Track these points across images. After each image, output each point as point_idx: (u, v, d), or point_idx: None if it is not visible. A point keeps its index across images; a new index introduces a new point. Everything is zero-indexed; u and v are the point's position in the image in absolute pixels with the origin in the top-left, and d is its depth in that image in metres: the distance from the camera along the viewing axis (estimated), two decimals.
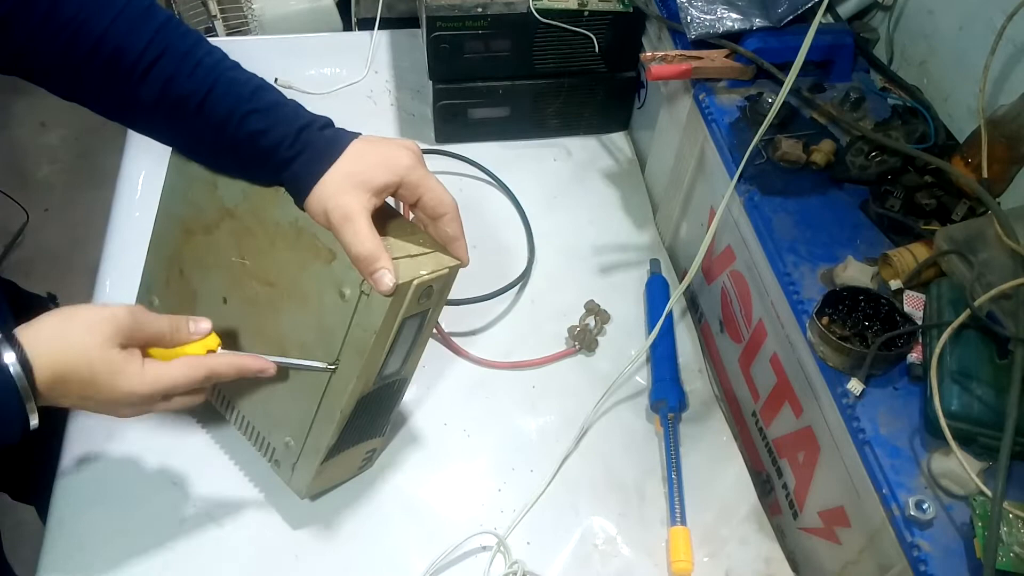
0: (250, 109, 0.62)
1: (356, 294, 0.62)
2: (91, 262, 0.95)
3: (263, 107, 0.63)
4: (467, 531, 0.75)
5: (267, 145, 0.62)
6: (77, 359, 0.56)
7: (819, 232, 0.74)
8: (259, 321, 0.70)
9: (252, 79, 0.65)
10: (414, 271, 0.61)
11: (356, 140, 0.64)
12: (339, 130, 0.65)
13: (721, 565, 0.75)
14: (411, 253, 0.64)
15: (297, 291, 0.66)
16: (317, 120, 0.64)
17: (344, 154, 0.63)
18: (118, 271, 0.92)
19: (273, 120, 0.62)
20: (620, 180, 1.08)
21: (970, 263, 0.64)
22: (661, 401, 0.83)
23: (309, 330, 0.66)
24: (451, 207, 0.66)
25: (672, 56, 0.85)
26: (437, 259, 0.65)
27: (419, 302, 0.62)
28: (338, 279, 0.63)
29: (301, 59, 1.19)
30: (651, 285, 0.94)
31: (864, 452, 0.61)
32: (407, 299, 0.61)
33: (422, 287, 0.61)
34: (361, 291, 0.61)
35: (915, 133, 0.78)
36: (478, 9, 0.95)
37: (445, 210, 0.66)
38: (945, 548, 0.56)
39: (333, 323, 0.64)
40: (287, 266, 0.66)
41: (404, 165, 0.63)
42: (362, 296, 0.61)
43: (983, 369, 0.61)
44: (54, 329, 0.57)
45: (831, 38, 0.85)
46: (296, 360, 0.66)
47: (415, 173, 0.64)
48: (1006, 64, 0.73)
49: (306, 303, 0.66)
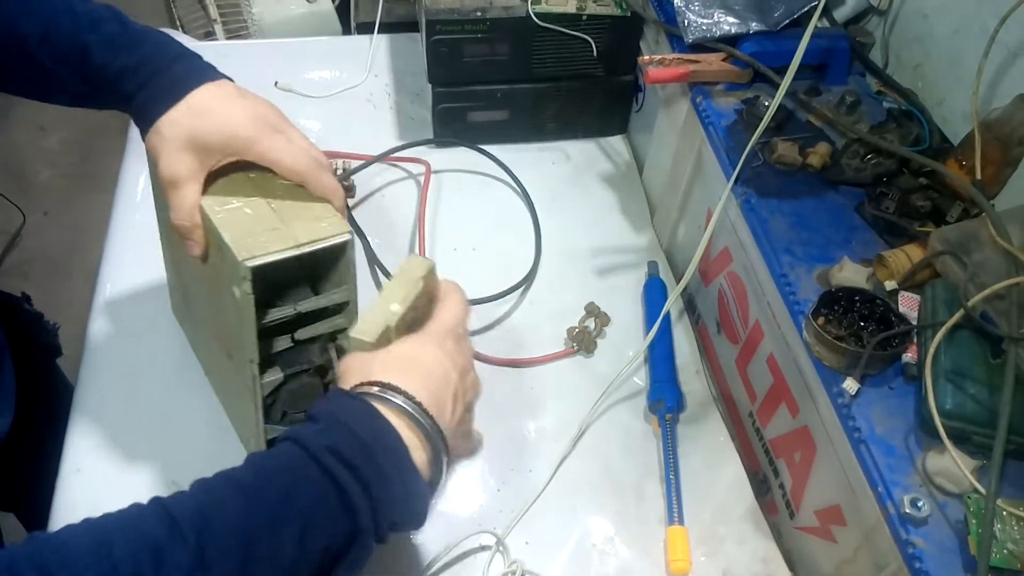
0: (91, 40, 0.59)
1: (242, 293, 0.59)
2: (90, 265, 0.95)
3: (105, 37, 0.60)
4: (466, 531, 0.75)
5: (109, 77, 0.60)
6: (440, 373, 0.54)
7: (815, 234, 0.75)
8: (212, 318, 0.70)
9: (98, 10, 0.61)
10: (385, 314, 0.57)
11: (210, 85, 0.61)
12: (194, 67, 0.62)
13: (718, 564, 0.75)
14: (274, 225, 0.60)
15: (220, 290, 0.64)
16: (169, 51, 0.61)
17: (191, 98, 0.60)
18: (118, 274, 0.92)
19: (114, 49, 0.60)
20: (618, 183, 1.09)
21: (964, 264, 0.65)
22: (659, 402, 0.83)
23: (230, 328, 0.65)
24: (307, 172, 0.63)
25: (669, 60, 0.86)
26: (407, 277, 0.59)
27: (409, 328, 0.59)
28: (231, 275, 0.60)
29: (301, 63, 1.19)
30: (649, 287, 0.95)
31: (860, 451, 0.62)
32: (393, 338, 0.57)
33: (404, 322, 0.57)
34: (243, 287, 0.59)
35: (910, 136, 0.79)
36: (477, 13, 0.96)
37: (301, 178, 0.63)
38: (940, 545, 0.57)
39: (237, 327, 0.63)
40: (214, 264, 0.65)
41: (243, 139, 0.61)
42: (245, 296, 0.59)
43: (977, 368, 0.62)
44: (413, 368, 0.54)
45: (827, 42, 0.85)
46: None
47: (257, 147, 0.61)
48: (999, 68, 0.74)
49: (224, 301, 0.64)
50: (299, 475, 0.46)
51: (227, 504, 0.44)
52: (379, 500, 0.47)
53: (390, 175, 1.07)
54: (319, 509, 0.46)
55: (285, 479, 0.46)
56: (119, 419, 0.80)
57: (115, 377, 0.83)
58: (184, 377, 0.83)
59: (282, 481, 0.46)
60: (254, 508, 0.45)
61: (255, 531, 0.44)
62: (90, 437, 0.79)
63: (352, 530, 0.47)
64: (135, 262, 0.93)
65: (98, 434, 0.79)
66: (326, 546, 0.46)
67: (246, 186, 0.64)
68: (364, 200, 1.03)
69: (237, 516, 0.44)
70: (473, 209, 1.03)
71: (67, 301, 1.08)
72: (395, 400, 0.51)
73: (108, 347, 0.86)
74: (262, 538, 0.44)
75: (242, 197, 0.63)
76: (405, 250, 0.97)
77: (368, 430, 0.48)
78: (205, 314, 0.74)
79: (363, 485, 0.47)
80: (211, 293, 0.68)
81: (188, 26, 1.43)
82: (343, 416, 0.49)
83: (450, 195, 1.05)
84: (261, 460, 0.48)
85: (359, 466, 0.46)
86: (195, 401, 0.82)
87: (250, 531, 0.44)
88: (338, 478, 0.46)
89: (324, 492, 0.46)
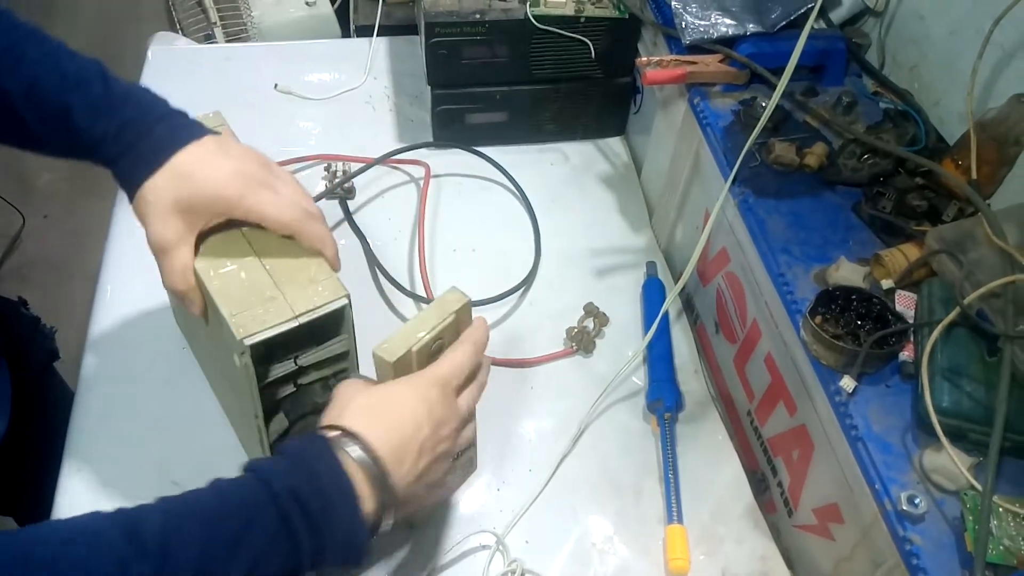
0: (74, 101, 0.58)
1: (241, 364, 0.60)
2: (91, 269, 0.96)
3: (88, 99, 0.59)
4: (466, 530, 0.76)
5: (91, 141, 0.59)
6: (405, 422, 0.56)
7: (812, 233, 0.75)
8: (214, 352, 0.70)
9: (83, 69, 0.60)
10: (409, 339, 0.59)
11: (192, 146, 0.60)
12: (176, 127, 0.61)
13: (717, 563, 0.76)
14: (270, 294, 0.61)
15: (221, 342, 0.64)
16: (151, 113, 0.60)
17: (174, 161, 0.59)
18: (118, 279, 0.92)
19: (96, 112, 0.58)
20: (616, 184, 1.09)
21: (960, 262, 0.65)
22: (658, 401, 0.83)
23: (233, 373, 0.65)
24: (296, 224, 0.62)
25: (667, 61, 0.86)
26: (438, 310, 0.60)
27: (430, 357, 0.60)
28: (229, 345, 0.60)
29: (300, 65, 1.20)
30: (647, 287, 0.95)
31: (857, 449, 0.62)
32: (413, 364, 0.59)
33: (425, 350, 0.59)
34: (243, 360, 0.60)
35: (906, 136, 0.79)
36: (476, 15, 0.97)
37: (290, 231, 0.62)
38: (937, 542, 0.57)
39: (240, 390, 0.64)
40: (213, 321, 0.64)
41: (228, 198, 0.60)
42: (246, 367, 0.60)
43: (973, 366, 0.62)
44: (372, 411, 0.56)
45: (823, 43, 0.86)
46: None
47: (243, 204, 0.61)
48: (994, 68, 0.74)
49: (225, 350, 0.63)
50: (258, 513, 0.49)
51: (188, 529, 0.47)
52: (323, 547, 0.50)
53: (390, 177, 1.07)
54: (270, 548, 0.48)
55: (245, 514, 0.48)
56: (120, 422, 0.80)
57: (116, 380, 0.84)
58: (184, 381, 0.83)
59: (242, 516, 0.48)
60: (213, 537, 0.47)
61: (210, 559, 0.46)
62: (91, 441, 0.79)
63: (294, 569, 0.50)
64: (135, 266, 0.93)
65: (99, 438, 0.79)
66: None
67: (239, 243, 0.64)
68: (365, 203, 1.03)
69: (196, 543, 0.46)
70: (472, 211, 1.04)
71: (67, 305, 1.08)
72: (354, 453, 0.53)
73: (109, 351, 0.86)
74: (215, 567, 0.46)
75: (236, 258, 0.63)
76: (405, 251, 0.98)
77: (328, 479, 0.51)
78: (207, 347, 0.74)
79: (312, 532, 0.49)
80: (211, 335, 0.67)
81: (188, 29, 1.44)
82: (309, 461, 0.51)
83: (451, 197, 1.05)
84: (225, 489, 0.50)
85: (312, 513, 0.49)
86: (195, 405, 0.82)
87: (206, 558, 0.46)
88: (292, 523, 0.49)
89: (277, 533, 0.49)
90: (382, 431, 0.54)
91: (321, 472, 0.51)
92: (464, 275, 0.96)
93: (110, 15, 2.61)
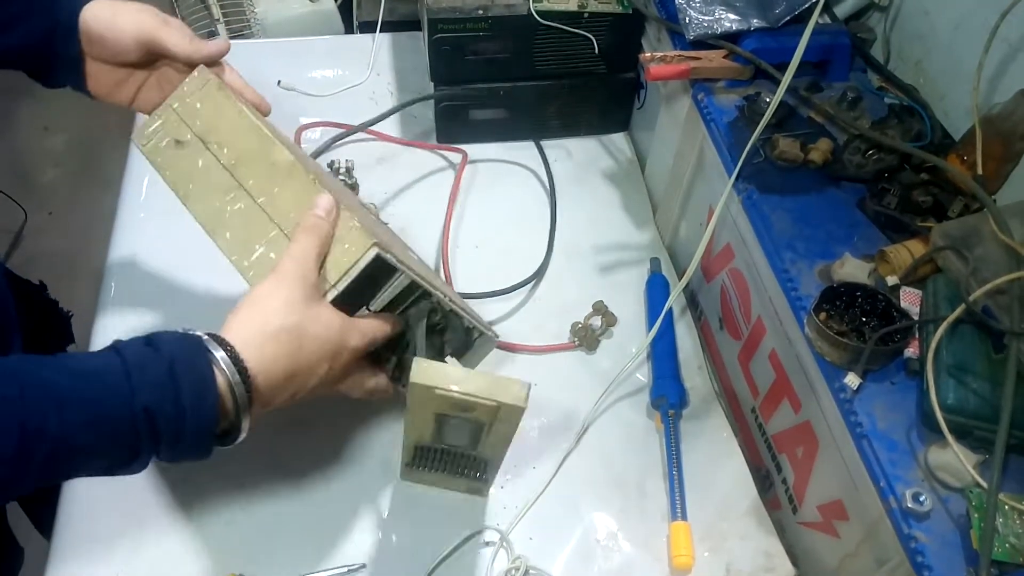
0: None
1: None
2: (95, 265, 0.96)
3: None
4: (470, 527, 0.76)
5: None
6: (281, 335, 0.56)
7: (817, 229, 0.75)
8: None
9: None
10: (443, 380, 0.59)
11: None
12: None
13: (721, 560, 0.76)
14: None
15: None
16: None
17: (94, 4, 0.66)
18: (123, 274, 0.92)
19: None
20: (620, 180, 1.09)
21: (965, 259, 0.65)
22: (661, 398, 0.83)
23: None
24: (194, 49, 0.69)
25: (671, 57, 0.86)
26: (492, 387, 0.60)
27: (453, 408, 0.61)
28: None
29: (303, 62, 1.20)
30: (651, 283, 0.95)
31: (862, 446, 0.62)
32: (432, 400, 0.60)
33: (448, 399, 0.59)
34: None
35: (911, 131, 0.79)
36: (479, 11, 0.96)
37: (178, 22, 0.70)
38: (942, 539, 0.57)
39: None
40: None
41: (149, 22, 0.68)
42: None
43: (979, 363, 0.62)
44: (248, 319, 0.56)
45: (828, 38, 0.85)
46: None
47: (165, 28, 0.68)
48: (1000, 63, 0.74)
49: None
50: (109, 411, 0.49)
51: (37, 406, 0.47)
52: (166, 453, 0.52)
53: (391, 169, 1.07)
54: (112, 444, 0.50)
55: (97, 410, 0.49)
56: None
57: None
58: None
59: (93, 411, 0.49)
60: (63, 419, 0.48)
61: (43, 434, 0.47)
62: None
63: (129, 463, 0.52)
64: (140, 262, 0.93)
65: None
66: (102, 466, 0.51)
67: (260, 221, 0.63)
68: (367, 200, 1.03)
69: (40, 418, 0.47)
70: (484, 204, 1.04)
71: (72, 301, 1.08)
72: (231, 375, 0.53)
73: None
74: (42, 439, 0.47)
75: (263, 239, 0.63)
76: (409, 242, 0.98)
77: (190, 396, 0.51)
78: None
79: (158, 443, 0.51)
80: None
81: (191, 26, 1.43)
82: (178, 371, 0.51)
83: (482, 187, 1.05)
84: (82, 371, 0.50)
85: (162, 432, 0.51)
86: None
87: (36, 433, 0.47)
88: (140, 437, 0.50)
89: (124, 436, 0.50)
90: (248, 336, 0.55)
91: (187, 386, 0.51)
92: (470, 268, 0.96)
93: None
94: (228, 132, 0.67)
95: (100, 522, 0.74)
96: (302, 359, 0.57)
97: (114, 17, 0.67)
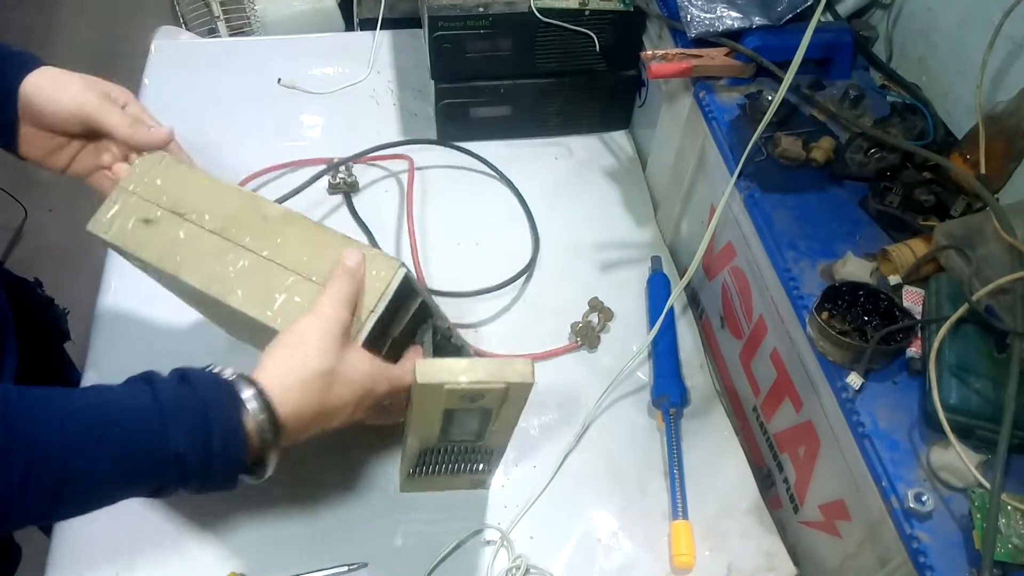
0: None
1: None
2: (95, 263, 0.96)
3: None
4: (471, 525, 0.76)
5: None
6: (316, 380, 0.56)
7: (819, 228, 0.75)
8: None
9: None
10: (450, 375, 0.58)
11: (37, 72, 0.65)
12: (19, 61, 0.66)
13: (722, 559, 0.75)
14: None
15: None
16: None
17: (40, 70, 0.65)
18: (123, 272, 0.92)
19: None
20: (621, 178, 1.09)
21: (968, 258, 0.65)
22: (663, 397, 0.83)
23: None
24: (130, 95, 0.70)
25: (672, 55, 0.86)
26: (497, 370, 0.60)
27: (462, 400, 0.60)
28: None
29: (304, 59, 1.19)
30: (652, 282, 0.95)
31: (864, 446, 0.62)
32: (442, 398, 0.60)
33: (457, 392, 0.59)
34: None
35: (914, 130, 0.78)
36: (479, 9, 0.96)
37: (127, 99, 0.70)
38: (944, 540, 0.57)
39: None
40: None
41: (88, 101, 0.66)
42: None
43: (981, 363, 0.62)
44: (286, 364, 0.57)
45: (830, 36, 0.85)
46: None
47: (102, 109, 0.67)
48: (1004, 61, 0.73)
49: None
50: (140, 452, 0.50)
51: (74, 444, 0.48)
52: (192, 490, 0.53)
53: (393, 171, 1.06)
54: (139, 481, 0.52)
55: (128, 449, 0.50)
56: None
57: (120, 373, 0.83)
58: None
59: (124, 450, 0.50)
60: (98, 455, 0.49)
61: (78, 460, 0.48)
62: None
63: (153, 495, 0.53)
64: None
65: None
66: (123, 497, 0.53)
67: (274, 272, 0.63)
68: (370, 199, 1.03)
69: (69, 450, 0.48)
70: (475, 203, 1.03)
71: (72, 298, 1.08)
72: (259, 421, 0.53)
73: (113, 344, 0.86)
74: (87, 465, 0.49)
75: (280, 286, 0.63)
76: (407, 244, 0.97)
77: (220, 442, 0.52)
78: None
79: (185, 483, 0.52)
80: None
81: (191, 23, 1.43)
82: (211, 418, 0.52)
83: (453, 191, 1.05)
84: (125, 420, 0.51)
85: (190, 475, 0.52)
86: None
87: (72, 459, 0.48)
88: (167, 477, 0.52)
89: (153, 476, 0.52)
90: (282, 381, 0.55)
91: (214, 435, 0.51)
92: (468, 268, 0.96)
93: (114, 9, 2.60)
94: (202, 200, 0.66)
95: (100, 522, 0.73)
96: (331, 403, 0.58)
97: (56, 92, 0.65)
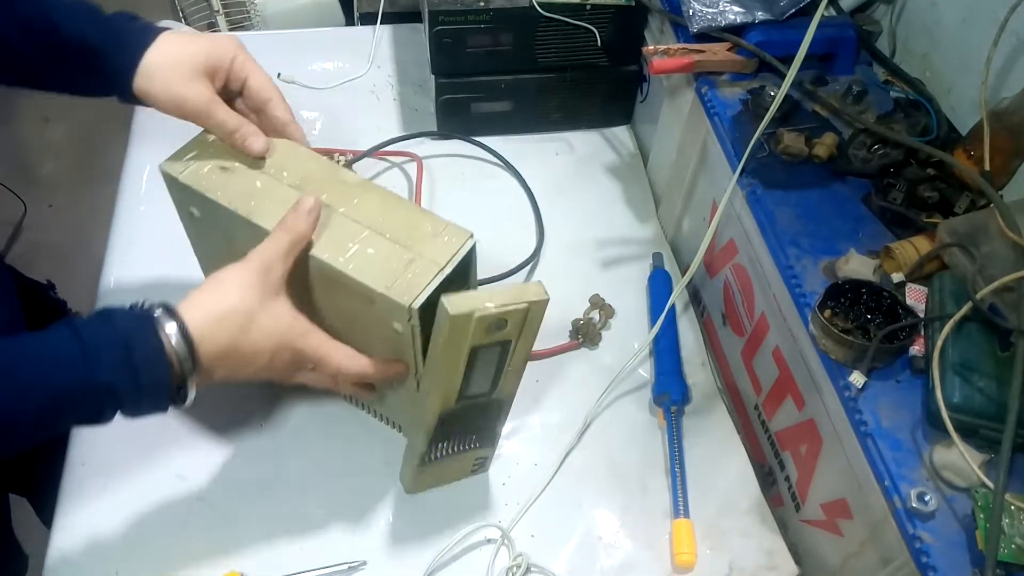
0: (49, 5, 0.63)
1: (407, 327, 0.62)
2: (95, 257, 0.95)
3: (63, 4, 0.64)
4: (471, 524, 0.75)
5: (73, 36, 0.63)
6: (230, 316, 0.58)
7: (821, 225, 0.74)
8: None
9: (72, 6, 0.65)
10: (477, 303, 0.57)
11: (168, 32, 0.66)
12: (147, 22, 0.67)
13: (724, 557, 0.75)
14: (408, 257, 0.63)
15: (359, 325, 0.67)
16: (121, 13, 0.66)
17: (159, 42, 0.64)
18: (123, 266, 0.92)
19: (72, 12, 0.64)
20: (623, 174, 1.08)
21: (972, 256, 0.64)
22: (664, 394, 0.83)
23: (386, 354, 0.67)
24: (276, 91, 0.70)
25: (674, 50, 0.85)
26: (516, 293, 0.59)
27: (488, 333, 0.59)
28: (384, 317, 0.62)
29: (304, 54, 1.19)
30: (654, 279, 0.94)
31: (866, 444, 0.61)
32: (470, 330, 0.58)
33: (487, 319, 0.57)
34: (411, 323, 0.61)
35: (917, 126, 0.78)
36: (480, 3, 0.95)
37: (270, 95, 0.69)
38: (947, 540, 0.57)
39: (401, 351, 0.65)
40: (341, 306, 0.66)
41: (229, 48, 0.67)
42: (413, 328, 0.62)
43: (985, 362, 0.61)
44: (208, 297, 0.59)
45: (833, 31, 0.84)
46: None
47: (240, 57, 0.68)
48: (1009, 57, 0.73)
49: (370, 334, 0.66)
50: (74, 394, 0.54)
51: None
52: (127, 413, 0.57)
53: (397, 167, 1.06)
54: (77, 412, 0.55)
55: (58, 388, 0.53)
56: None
57: None
58: None
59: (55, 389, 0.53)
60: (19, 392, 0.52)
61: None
62: (94, 430, 0.78)
63: (94, 423, 0.56)
64: (140, 254, 0.93)
65: (102, 427, 0.79)
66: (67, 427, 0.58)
67: (347, 225, 0.65)
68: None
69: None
70: (479, 200, 1.03)
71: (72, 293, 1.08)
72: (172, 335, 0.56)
73: None
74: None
75: (353, 238, 0.64)
76: None
77: (146, 369, 0.55)
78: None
79: (120, 407, 0.56)
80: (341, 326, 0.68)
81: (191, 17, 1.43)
82: (134, 347, 0.55)
83: (457, 187, 1.04)
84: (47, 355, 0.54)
85: (125, 403, 0.55)
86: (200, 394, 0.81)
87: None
88: (104, 411, 0.55)
89: (89, 406, 0.55)
90: (201, 313, 0.58)
91: (139, 364, 0.54)
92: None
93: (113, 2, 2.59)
94: (283, 159, 0.69)
95: (100, 520, 0.73)
96: (245, 345, 0.59)
97: (166, 85, 0.65)
